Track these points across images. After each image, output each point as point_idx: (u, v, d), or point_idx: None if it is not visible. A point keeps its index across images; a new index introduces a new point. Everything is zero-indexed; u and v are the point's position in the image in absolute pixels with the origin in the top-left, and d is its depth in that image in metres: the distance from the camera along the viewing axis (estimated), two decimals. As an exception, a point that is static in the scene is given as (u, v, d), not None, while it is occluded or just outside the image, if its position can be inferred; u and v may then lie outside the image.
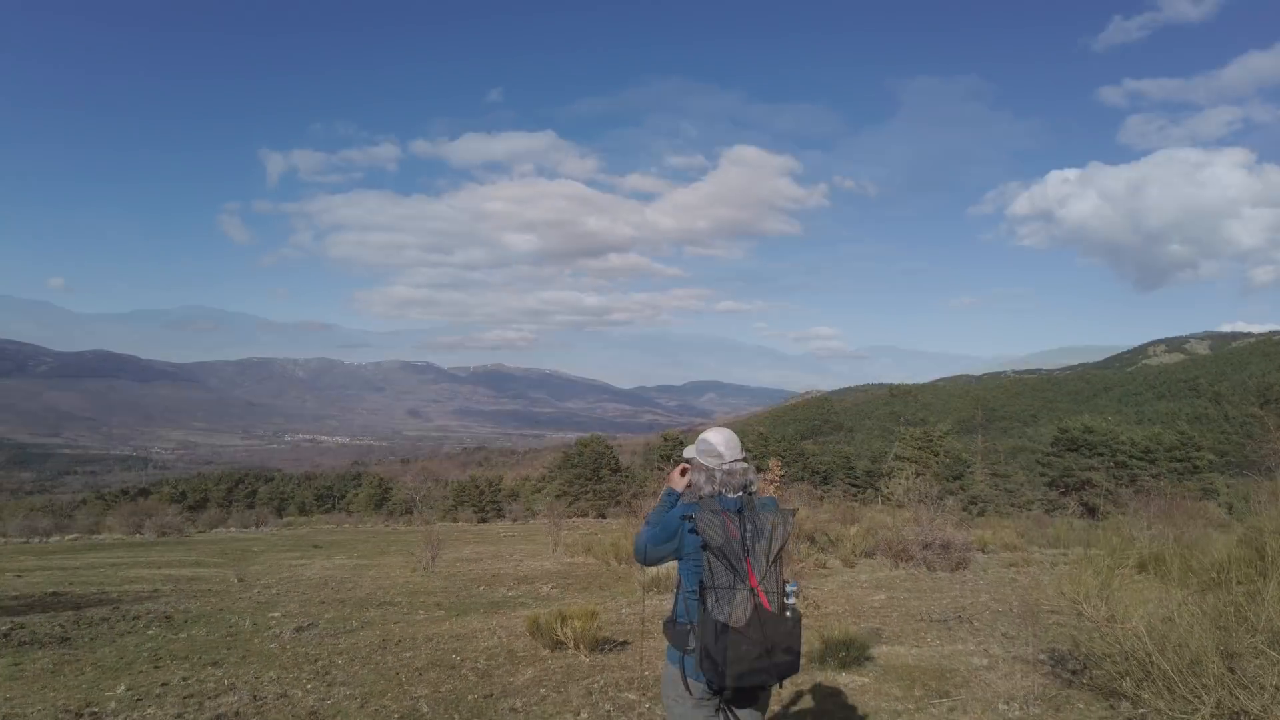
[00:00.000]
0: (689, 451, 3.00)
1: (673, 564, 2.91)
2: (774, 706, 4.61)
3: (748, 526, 2.67)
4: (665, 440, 52.69)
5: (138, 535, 28.96)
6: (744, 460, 2.90)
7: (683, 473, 3.00)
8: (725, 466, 2.86)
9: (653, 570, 9.27)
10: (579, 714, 4.71)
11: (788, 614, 2.64)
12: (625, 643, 6.75)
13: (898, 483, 20.77)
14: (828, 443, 79.93)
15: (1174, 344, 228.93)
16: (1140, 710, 3.71)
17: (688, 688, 2.68)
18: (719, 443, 2.92)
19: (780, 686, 2.77)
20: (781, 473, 12.09)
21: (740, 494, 2.83)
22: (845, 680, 5.24)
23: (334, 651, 6.66)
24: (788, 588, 2.70)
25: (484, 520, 45.75)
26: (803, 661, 2.83)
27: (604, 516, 41.89)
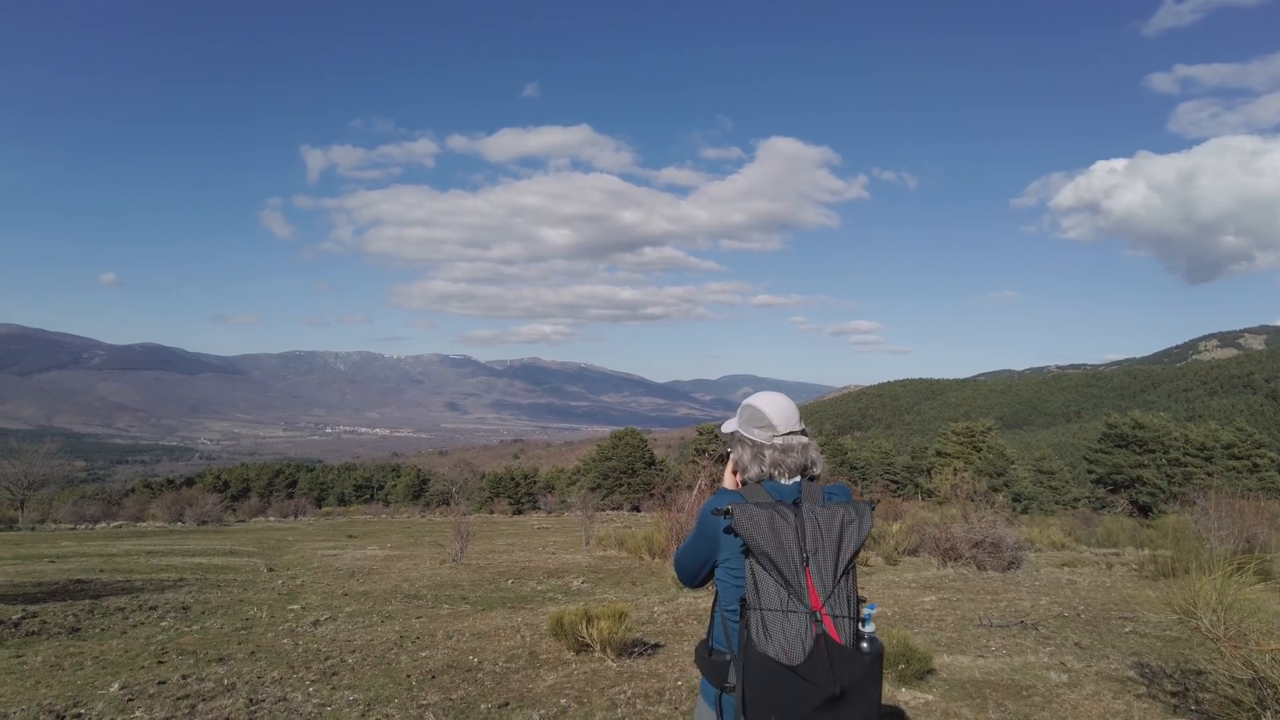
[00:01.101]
0: (730, 425, 2.22)
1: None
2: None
3: (808, 525, 1.86)
4: (700, 434, 52.11)
5: (178, 524, 29.34)
6: (803, 434, 2.11)
7: (735, 471, 2.19)
8: (778, 441, 2.07)
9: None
10: (602, 730, 4.17)
11: (864, 646, 1.83)
12: (657, 645, 6.23)
13: (943, 478, 19.98)
14: (867, 438, 78.53)
15: (1227, 338, 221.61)
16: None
17: None
18: (770, 409, 2.12)
19: None
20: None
21: (799, 479, 2.07)
22: (906, 698, 4.61)
23: (347, 649, 6.25)
24: (864, 610, 1.87)
25: (519, 512, 45.74)
26: None
27: (638, 510, 41.51)
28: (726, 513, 1.89)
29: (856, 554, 1.87)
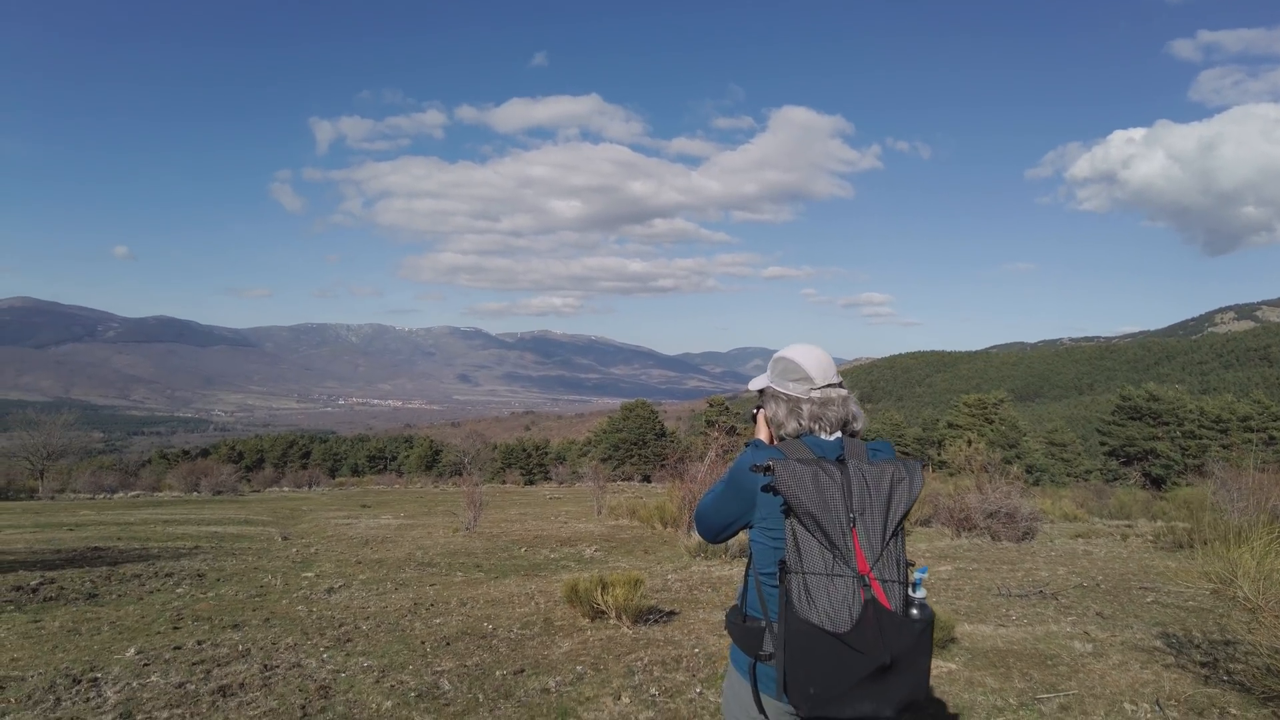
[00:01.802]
0: (758, 382, 2.04)
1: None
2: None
3: (854, 483, 1.71)
4: (711, 406, 52.11)
5: (194, 494, 29.66)
6: (841, 387, 1.95)
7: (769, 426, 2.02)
8: (816, 394, 1.90)
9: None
10: (619, 698, 4.09)
11: (914, 613, 1.69)
12: (673, 612, 6.18)
13: (957, 449, 19.84)
14: (878, 410, 78.29)
15: (1244, 311, 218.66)
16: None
17: (761, 709, 1.79)
18: (806, 361, 1.94)
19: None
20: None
21: (840, 434, 1.90)
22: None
23: (361, 616, 6.24)
24: (914, 574, 1.73)
25: (530, 482, 46.01)
26: None
27: (649, 480, 41.69)
28: (767, 469, 1.72)
29: (906, 514, 1.73)
